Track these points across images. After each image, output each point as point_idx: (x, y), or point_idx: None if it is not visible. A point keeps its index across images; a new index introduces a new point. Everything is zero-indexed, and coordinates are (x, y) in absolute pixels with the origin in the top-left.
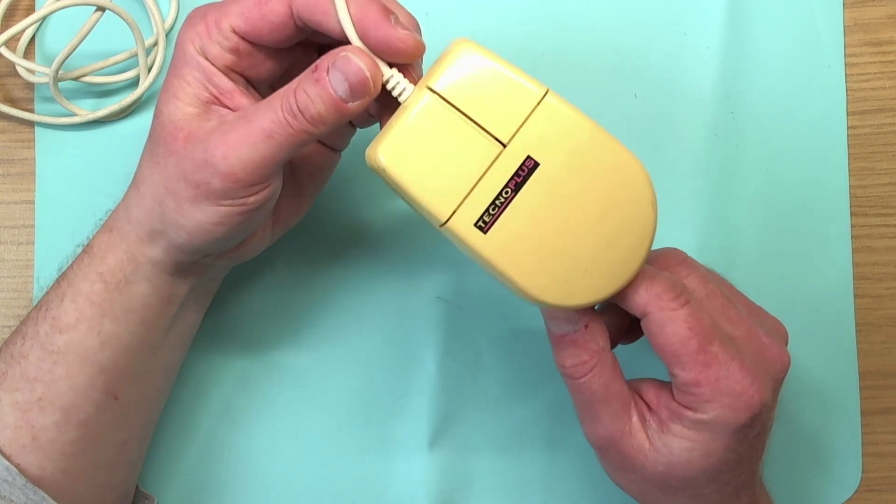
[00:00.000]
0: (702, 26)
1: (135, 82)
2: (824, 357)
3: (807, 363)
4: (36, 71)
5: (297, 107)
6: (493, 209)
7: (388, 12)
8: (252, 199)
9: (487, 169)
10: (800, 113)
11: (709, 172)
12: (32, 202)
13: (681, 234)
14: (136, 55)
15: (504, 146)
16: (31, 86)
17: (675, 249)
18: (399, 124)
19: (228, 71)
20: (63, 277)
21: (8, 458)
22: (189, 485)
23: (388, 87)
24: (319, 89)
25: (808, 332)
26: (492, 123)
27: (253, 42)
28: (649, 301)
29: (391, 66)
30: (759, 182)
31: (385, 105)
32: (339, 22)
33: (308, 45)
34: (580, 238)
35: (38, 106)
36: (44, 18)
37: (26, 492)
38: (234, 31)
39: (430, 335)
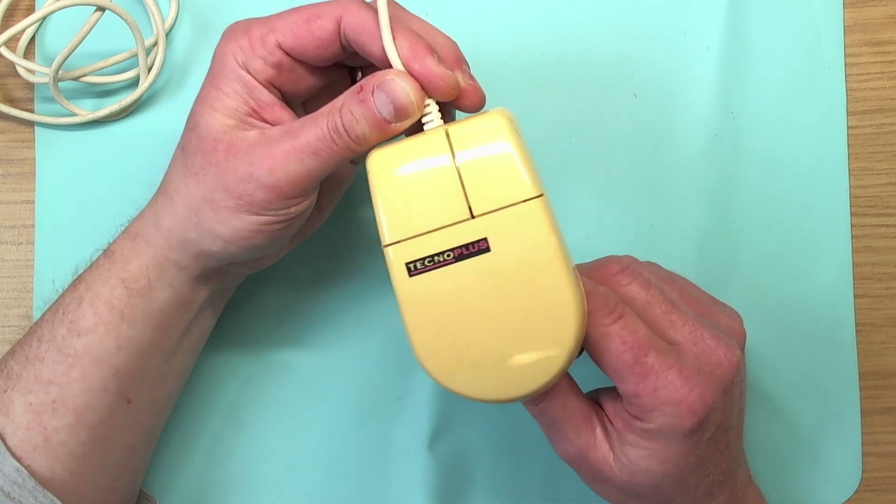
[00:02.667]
0: (702, 26)
1: (135, 82)
2: (824, 357)
3: (807, 363)
4: (36, 71)
5: (343, 125)
6: (429, 262)
7: (432, 50)
8: (293, 209)
9: (445, 227)
10: (800, 113)
11: (709, 172)
12: (32, 202)
13: (680, 235)
14: (136, 55)
15: (472, 217)
16: (31, 86)
17: (616, 257)
18: (403, 143)
19: (268, 84)
20: (80, 281)
21: (19, 459)
22: (192, 485)
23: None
24: (364, 110)
25: (808, 332)
26: (474, 191)
27: (296, 58)
28: None
29: None
30: (759, 182)
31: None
32: (382, 48)
33: (343, 65)
34: (486, 335)
35: (38, 106)
36: (44, 18)
37: (35, 494)
38: (280, 47)
39: None
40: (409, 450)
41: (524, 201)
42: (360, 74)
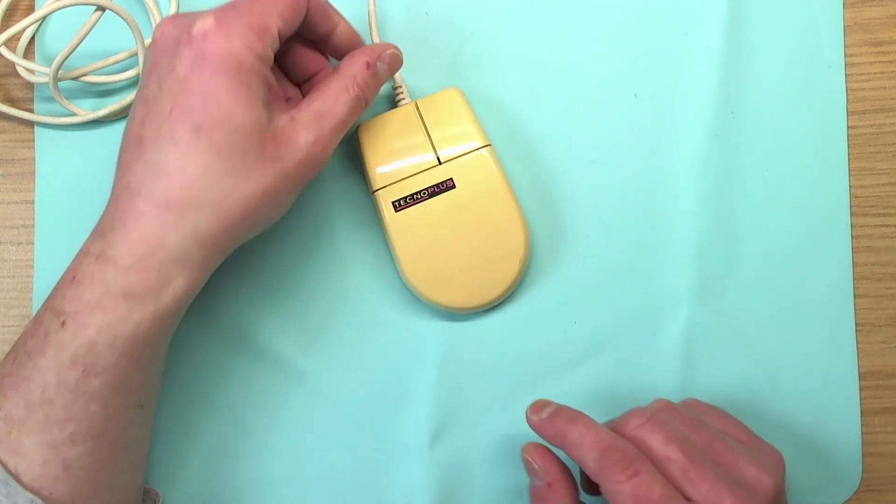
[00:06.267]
0: (702, 26)
1: (135, 82)
2: (824, 357)
3: (807, 363)
4: (36, 71)
5: (365, 97)
6: (410, 200)
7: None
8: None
9: (419, 173)
10: (800, 113)
11: (709, 172)
12: (32, 202)
13: (681, 235)
14: (136, 55)
15: (439, 164)
16: (31, 86)
17: (639, 410)
18: (383, 117)
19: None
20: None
21: (37, 491)
22: (192, 485)
23: (395, 91)
24: (377, 81)
25: (808, 332)
26: (440, 144)
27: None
28: (599, 472)
29: None
30: (759, 182)
31: None
32: (334, 29)
33: None
34: (458, 253)
35: (38, 106)
36: (44, 18)
37: None
38: (280, 34)
39: (430, 335)
40: (409, 450)
41: (477, 149)
42: None
